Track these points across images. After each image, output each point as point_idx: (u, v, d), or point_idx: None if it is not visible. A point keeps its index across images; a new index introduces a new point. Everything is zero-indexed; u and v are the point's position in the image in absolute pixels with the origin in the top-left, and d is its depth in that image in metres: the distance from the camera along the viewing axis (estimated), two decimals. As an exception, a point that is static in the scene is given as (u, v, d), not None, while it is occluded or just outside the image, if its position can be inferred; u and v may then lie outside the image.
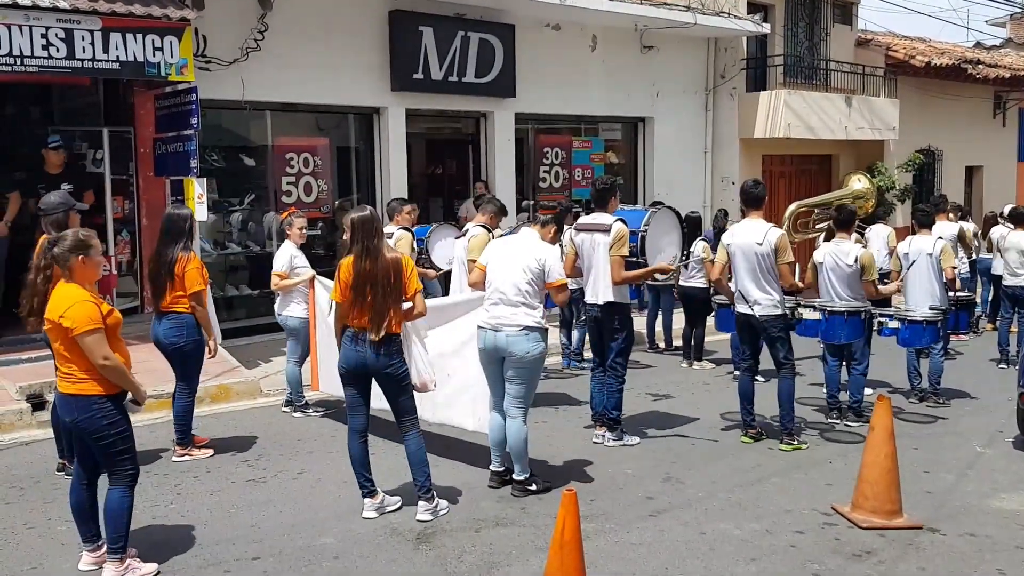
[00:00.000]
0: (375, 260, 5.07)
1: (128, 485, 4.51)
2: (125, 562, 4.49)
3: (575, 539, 3.63)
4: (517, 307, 5.58)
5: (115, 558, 4.46)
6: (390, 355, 5.13)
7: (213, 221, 10.33)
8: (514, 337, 5.55)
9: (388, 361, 5.13)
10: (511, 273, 5.59)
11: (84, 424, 4.41)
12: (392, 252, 5.17)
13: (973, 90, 18.65)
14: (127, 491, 4.50)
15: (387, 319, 5.06)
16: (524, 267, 5.57)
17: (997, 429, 7.41)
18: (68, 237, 4.46)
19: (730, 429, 7.32)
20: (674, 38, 13.78)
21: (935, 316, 7.57)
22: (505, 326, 5.57)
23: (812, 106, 14.82)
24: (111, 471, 4.50)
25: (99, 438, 4.42)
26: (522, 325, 5.55)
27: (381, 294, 5.04)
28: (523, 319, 5.56)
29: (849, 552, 4.94)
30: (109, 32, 8.19)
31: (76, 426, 4.46)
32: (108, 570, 4.46)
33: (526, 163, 13.17)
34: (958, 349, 10.70)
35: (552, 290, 5.63)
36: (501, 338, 5.58)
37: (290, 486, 5.93)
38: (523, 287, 5.57)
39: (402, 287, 5.06)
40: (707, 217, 14.50)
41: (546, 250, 5.67)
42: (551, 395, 8.39)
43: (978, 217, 16.31)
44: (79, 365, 4.35)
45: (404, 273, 5.07)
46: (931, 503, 5.71)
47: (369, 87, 10.92)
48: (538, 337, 5.60)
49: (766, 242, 6.68)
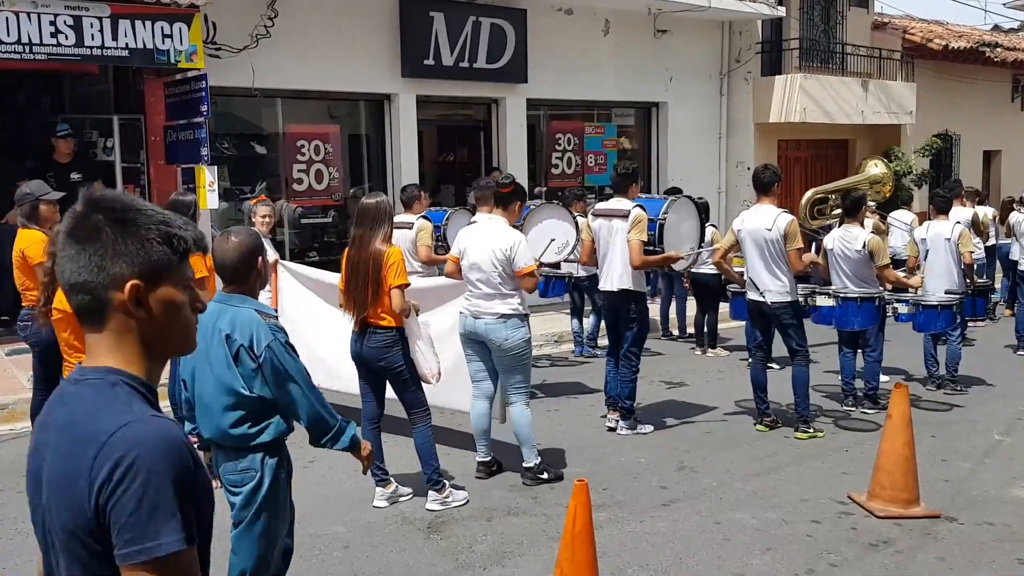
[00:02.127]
0: (362, 250, 5.02)
1: None
2: None
3: (586, 529, 3.58)
4: (492, 297, 5.53)
5: None
6: (380, 348, 5.07)
7: (225, 209, 10.30)
8: (492, 325, 5.50)
9: (379, 354, 5.08)
10: (481, 263, 5.52)
11: None
12: (384, 244, 5.05)
13: (991, 74, 18.41)
14: None
15: (364, 311, 5.01)
16: (492, 257, 5.48)
17: (1016, 417, 7.31)
18: None
19: (745, 417, 7.25)
20: (688, 22, 13.63)
21: (950, 300, 7.46)
22: (484, 314, 5.53)
23: (828, 90, 14.65)
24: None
25: None
26: (499, 313, 5.50)
27: (361, 285, 5.00)
28: (499, 307, 5.51)
29: (866, 542, 4.88)
30: (118, 19, 8.15)
31: None
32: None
33: (538, 149, 13.07)
34: (975, 335, 10.57)
35: (519, 278, 5.52)
36: (480, 325, 5.55)
37: (300, 475, 5.81)
38: (493, 278, 5.50)
39: (381, 280, 4.98)
40: (722, 203, 14.43)
41: (512, 237, 5.54)
42: (564, 384, 8.34)
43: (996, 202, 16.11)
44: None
45: (383, 266, 4.98)
46: (949, 492, 5.63)
47: (380, 74, 10.84)
48: (517, 323, 5.54)
49: (775, 228, 6.59)
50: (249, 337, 3.23)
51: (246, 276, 3.39)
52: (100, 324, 1.56)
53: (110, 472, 1.41)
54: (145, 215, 1.57)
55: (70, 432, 1.49)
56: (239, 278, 3.39)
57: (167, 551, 1.41)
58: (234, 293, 3.38)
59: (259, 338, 3.23)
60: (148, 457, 1.42)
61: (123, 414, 1.46)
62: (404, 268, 5.06)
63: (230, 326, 3.26)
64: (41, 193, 5.82)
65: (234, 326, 3.25)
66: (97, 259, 1.53)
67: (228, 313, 3.29)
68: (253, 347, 3.23)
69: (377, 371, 5.18)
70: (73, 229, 1.57)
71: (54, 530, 1.50)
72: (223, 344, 3.26)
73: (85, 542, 1.44)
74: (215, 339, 3.27)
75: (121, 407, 1.48)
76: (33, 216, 5.68)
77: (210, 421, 3.36)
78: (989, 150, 19.66)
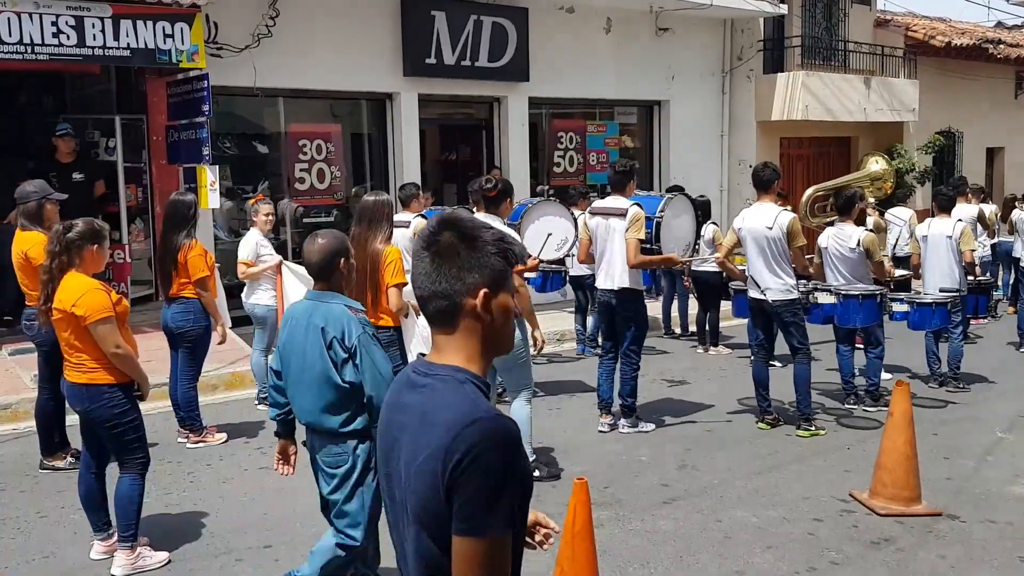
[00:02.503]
0: (361, 249, 5.02)
1: (139, 473, 4.50)
2: (136, 551, 4.48)
3: (586, 528, 3.58)
4: None
5: (126, 547, 4.45)
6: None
7: (227, 208, 10.32)
8: None
9: None
10: None
11: (95, 414, 4.40)
12: (382, 243, 5.04)
13: (994, 70, 18.37)
14: (137, 479, 4.49)
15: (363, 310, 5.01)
16: None
17: (1018, 414, 7.30)
18: (82, 224, 4.45)
19: (746, 415, 7.25)
20: (690, 20, 13.62)
21: (945, 298, 7.45)
22: None
23: (830, 88, 14.63)
24: (122, 460, 4.49)
25: (111, 427, 4.41)
26: None
27: (359, 284, 4.99)
28: None
29: (867, 540, 4.88)
30: (119, 19, 8.17)
31: (87, 415, 4.45)
32: (119, 559, 4.45)
33: (540, 148, 13.07)
34: (977, 333, 10.56)
35: None
36: None
37: (302, 473, 5.79)
38: None
39: (378, 279, 4.97)
40: (724, 201, 14.42)
41: None
42: (566, 382, 8.35)
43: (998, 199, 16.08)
44: (89, 354, 4.34)
45: (380, 265, 4.96)
46: (950, 489, 5.63)
47: (381, 72, 10.85)
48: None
49: (776, 226, 6.59)
50: (341, 329, 3.54)
51: (330, 275, 3.70)
52: (452, 327, 1.85)
53: (459, 460, 1.69)
54: (486, 232, 1.86)
55: (428, 420, 1.79)
56: (324, 276, 3.71)
57: (492, 535, 1.71)
58: (323, 290, 3.71)
59: (350, 330, 3.54)
60: (493, 452, 1.71)
61: (474, 411, 1.74)
62: (402, 267, 5.06)
63: (323, 320, 3.58)
64: (47, 193, 5.84)
65: (327, 320, 3.56)
66: (455, 271, 1.82)
67: (321, 308, 3.62)
68: (345, 339, 3.54)
69: None
70: (428, 246, 1.85)
71: (408, 499, 1.80)
72: (319, 336, 3.56)
73: (433, 511, 1.74)
74: (310, 332, 3.59)
75: (472, 403, 1.77)
76: (39, 215, 5.68)
77: (306, 408, 3.66)
78: (992, 147, 19.62)
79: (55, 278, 4.37)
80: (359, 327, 3.56)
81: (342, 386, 3.55)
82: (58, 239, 4.41)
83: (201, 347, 6.44)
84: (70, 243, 4.39)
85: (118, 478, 4.49)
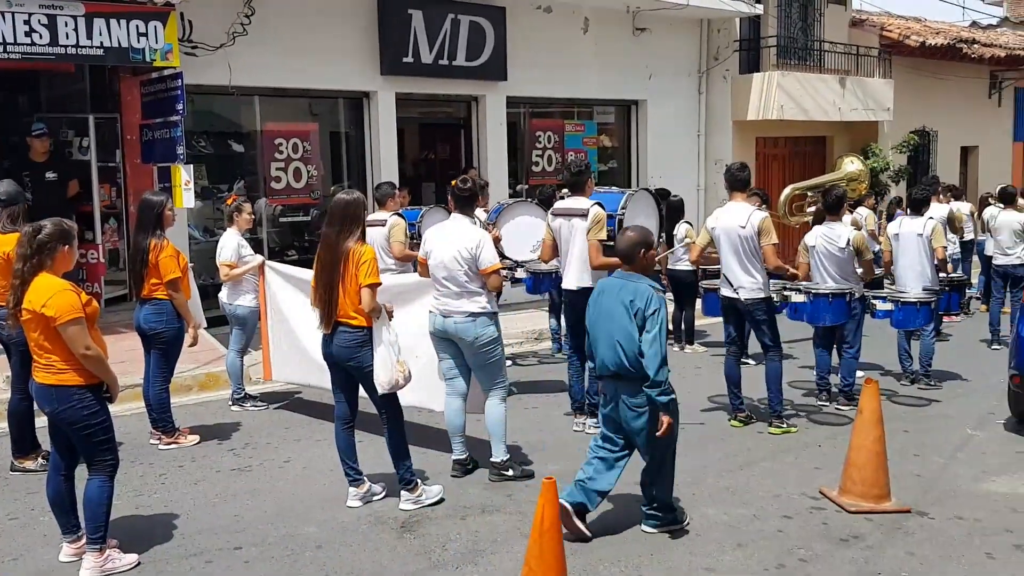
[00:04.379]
0: (331, 247, 5.02)
1: (108, 475, 4.48)
2: (105, 553, 4.45)
3: (555, 527, 3.60)
4: (459, 296, 5.55)
5: (95, 549, 4.43)
6: (350, 348, 5.06)
7: (201, 208, 10.27)
8: (462, 324, 5.54)
9: (349, 354, 5.07)
10: (446, 262, 5.54)
11: (65, 415, 4.37)
12: (355, 242, 5.04)
13: (968, 70, 18.54)
14: (106, 481, 4.47)
15: (333, 310, 5.01)
16: (457, 257, 5.51)
17: (988, 411, 7.38)
18: (51, 226, 4.43)
19: (720, 412, 7.29)
20: (667, 20, 13.67)
21: (928, 297, 7.53)
22: (453, 313, 5.56)
23: (806, 87, 14.72)
24: (91, 461, 4.47)
25: (80, 429, 4.39)
26: (468, 312, 5.54)
27: (329, 284, 5.00)
28: (468, 306, 5.54)
29: (836, 537, 4.92)
30: (92, 18, 8.11)
31: (56, 417, 4.42)
32: (88, 561, 4.42)
33: (519, 147, 13.08)
34: (949, 331, 10.67)
35: (485, 276, 5.55)
36: (450, 324, 5.58)
37: (275, 475, 5.90)
38: (459, 276, 5.52)
39: (352, 279, 4.97)
40: (701, 200, 14.49)
41: (476, 236, 5.58)
42: (542, 381, 8.37)
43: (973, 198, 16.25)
44: (59, 356, 4.32)
45: (353, 264, 4.96)
46: (920, 486, 5.69)
47: (358, 71, 10.83)
48: (486, 321, 5.57)
49: (749, 225, 6.64)
50: (646, 302, 4.67)
51: (633, 259, 4.87)
52: None
53: None
54: None
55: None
56: (630, 260, 4.88)
57: None
58: (630, 272, 4.87)
59: (651, 304, 4.66)
60: None
61: None
62: (376, 267, 5.04)
63: (632, 294, 4.71)
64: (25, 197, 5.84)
65: (636, 295, 4.70)
66: None
67: (629, 286, 4.78)
68: (646, 309, 4.65)
69: (348, 370, 5.17)
70: None
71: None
72: (627, 308, 4.68)
73: None
74: (619, 303, 4.73)
75: None
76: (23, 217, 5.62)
77: (615, 359, 4.72)
78: (966, 146, 19.81)
79: (26, 281, 4.35)
80: (657, 302, 4.70)
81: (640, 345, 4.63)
82: (28, 241, 4.38)
83: (174, 348, 6.41)
84: (41, 245, 4.37)
85: (87, 480, 4.47)
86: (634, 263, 4.86)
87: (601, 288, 4.91)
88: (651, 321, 4.62)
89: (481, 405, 5.86)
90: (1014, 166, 21.15)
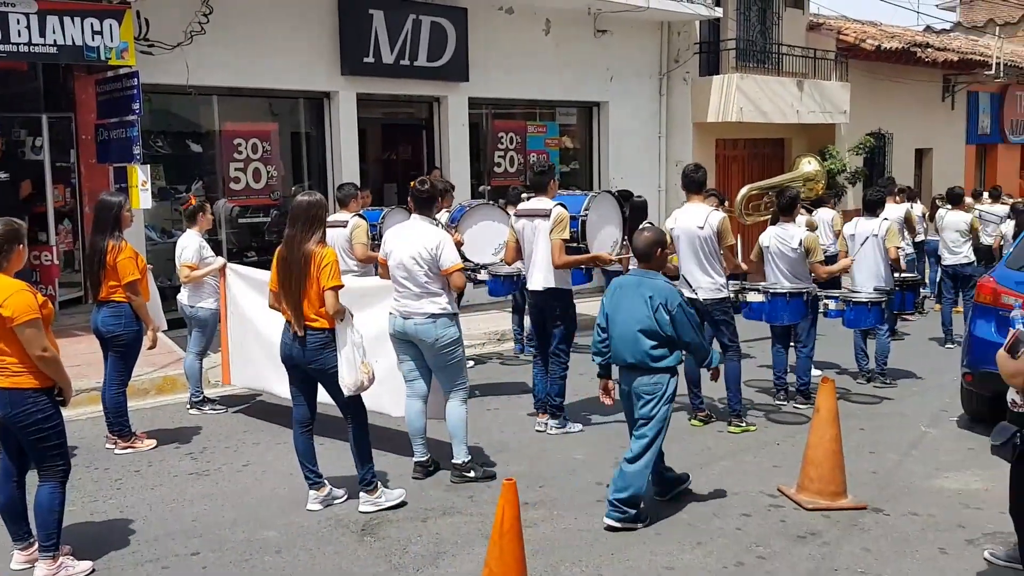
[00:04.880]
0: (293, 250, 4.98)
1: (60, 481, 4.40)
2: (58, 560, 4.37)
3: (515, 528, 3.60)
4: (420, 297, 5.55)
5: (47, 556, 4.34)
6: (313, 350, 5.02)
7: (158, 208, 10.13)
8: (422, 325, 5.53)
9: (314, 356, 5.03)
10: (407, 263, 5.53)
11: (18, 419, 4.29)
12: (316, 244, 5.01)
13: (922, 74, 18.87)
14: (58, 487, 4.39)
15: (301, 313, 4.98)
16: (417, 257, 5.50)
17: (942, 409, 7.53)
18: (2, 226, 4.34)
19: (680, 412, 7.33)
20: (627, 22, 13.75)
21: (879, 297, 7.65)
22: (413, 314, 5.55)
23: (764, 90, 14.88)
24: (42, 467, 4.38)
25: (33, 433, 4.30)
26: (428, 313, 5.53)
27: (295, 286, 4.96)
28: (428, 307, 5.54)
29: (794, 534, 4.98)
30: (46, 15, 7.99)
31: (9, 421, 4.33)
32: (40, 569, 4.34)
33: (481, 148, 13.08)
34: (904, 330, 10.85)
35: (447, 276, 5.55)
36: (410, 326, 5.57)
37: (234, 479, 5.83)
38: (419, 277, 5.52)
39: (311, 280, 4.94)
40: (661, 201, 14.58)
41: (437, 236, 5.58)
42: (504, 383, 8.37)
43: (928, 199, 16.55)
44: (15, 357, 4.24)
45: (315, 267, 4.93)
46: (876, 483, 5.78)
47: (319, 71, 10.76)
48: (447, 322, 5.57)
49: (707, 226, 6.71)
50: (665, 298, 5.01)
51: (651, 258, 5.21)
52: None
53: None
54: None
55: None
56: (647, 259, 5.22)
57: None
58: (647, 269, 5.21)
59: (671, 299, 5.02)
60: None
61: None
62: (338, 270, 5.02)
63: (651, 290, 5.03)
64: None
65: (654, 291, 5.03)
66: None
67: (647, 282, 5.10)
68: (667, 305, 4.99)
69: (310, 373, 5.14)
70: None
71: None
72: (646, 302, 4.99)
73: None
74: (639, 298, 5.04)
75: None
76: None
77: (632, 350, 5.04)
78: (921, 148, 20.16)
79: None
80: (677, 297, 5.06)
81: (662, 336, 4.98)
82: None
83: (132, 351, 6.31)
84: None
85: (37, 487, 4.38)
86: (651, 261, 5.20)
87: (618, 284, 5.25)
88: (678, 311, 5.02)
89: (441, 411, 5.85)
90: (967, 168, 21.59)
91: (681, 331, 5.01)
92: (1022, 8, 26.12)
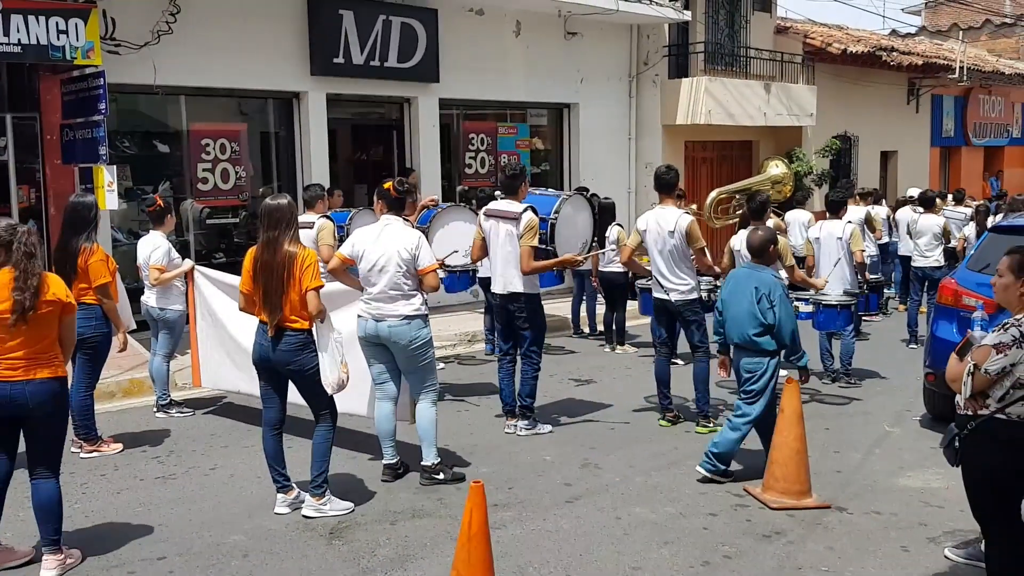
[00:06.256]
0: (273, 252, 4.97)
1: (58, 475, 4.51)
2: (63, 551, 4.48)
3: (482, 531, 3.62)
4: (395, 299, 5.54)
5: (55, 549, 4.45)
6: (292, 351, 5.01)
7: (125, 209, 10.03)
8: (397, 327, 5.53)
9: (290, 357, 5.02)
10: (385, 264, 5.52)
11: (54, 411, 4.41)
12: (295, 246, 5.01)
13: (888, 77, 19.12)
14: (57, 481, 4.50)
15: (279, 314, 4.97)
16: (396, 258, 5.50)
17: (905, 408, 7.65)
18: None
19: (650, 412, 7.40)
20: (598, 24, 13.81)
21: (849, 300, 7.76)
22: (387, 316, 5.55)
23: (732, 93, 15.01)
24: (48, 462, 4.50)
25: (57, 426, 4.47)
26: (403, 315, 5.53)
27: (274, 287, 4.95)
28: (403, 308, 5.54)
29: (759, 533, 5.04)
30: (9, 13, 7.89)
31: (44, 413, 4.39)
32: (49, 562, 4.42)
33: (452, 149, 13.08)
34: (869, 330, 11.00)
35: (423, 276, 5.57)
36: (383, 328, 5.56)
37: (201, 483, 5.80)
38: (398, 278, 5.52)
39: (294, 282, 4.94)
40: (631, 203, 14.68)
41: (415, 236, 5.60)
42: (474, 384, 8.38)
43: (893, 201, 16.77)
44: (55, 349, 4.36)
45: (297, 267, 4.93)
46: (840, 482, 5.86)
47: (288, 71, 10.70)
48: (420, 324, 5.59)
49: (677, 229, 6.78)
50: (769, 290, 5.72)
51: (763, 254, 5.99)
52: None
53: None
54: None
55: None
56: (759, 255, 5.99)
57: None
58: (758, 264, 5.98)
59: (775, 291, 5.73)
60: None
61: None
62: (319, 270, 5.05)
63: (758, 282, 5.76)
64: None
65: (761, 283, 5.76)
66: None
67: (755, 275, 5.84)
68: (771, 296, 5.70)
69: (286, 374, 5.12)
70: None
71: None
72: (753, 292, 5.72)
73: None
74: (748, 288, 5.78)
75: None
76: None
77: (740, 333, 5.79)
78: (886, 151, 20.43)
79: None
80: (780, 289, 5.78)
81: (765, 323, 5.68)
82: None
83: (101, 354, 6.26)
84: None
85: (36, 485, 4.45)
86: (763, 257, 5.96)
87: (733, 275, 6.12)
88: (779, 303, 5.68)
89: (409, 414, 5.86)
90: (931, 170, 21.92)
91: (780, 322, 5.69)
92: (985, 13, 26.58)
